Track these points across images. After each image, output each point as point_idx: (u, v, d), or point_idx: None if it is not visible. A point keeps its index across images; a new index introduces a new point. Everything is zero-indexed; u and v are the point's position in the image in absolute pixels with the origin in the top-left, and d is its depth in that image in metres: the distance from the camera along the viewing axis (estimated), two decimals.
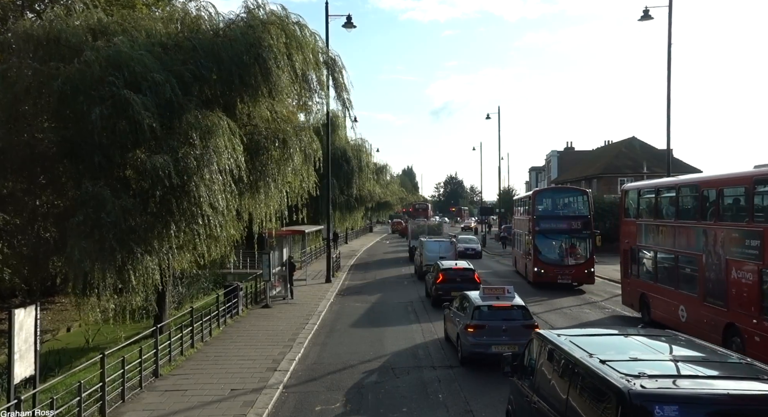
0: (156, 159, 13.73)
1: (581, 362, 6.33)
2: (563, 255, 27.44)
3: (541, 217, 27.70)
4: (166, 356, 13.90)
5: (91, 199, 13.49)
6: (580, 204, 28.48)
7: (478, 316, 13.88)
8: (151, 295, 16.79)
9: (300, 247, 36.68)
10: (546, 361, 7.44)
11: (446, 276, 22.04)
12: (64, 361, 17.94)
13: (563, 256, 27.41)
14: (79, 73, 13.94)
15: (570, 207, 29.13)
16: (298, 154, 18.46)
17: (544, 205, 28.80)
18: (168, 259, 15.28)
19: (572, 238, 27.45)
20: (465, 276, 21.80)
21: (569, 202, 29.62)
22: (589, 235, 26.93)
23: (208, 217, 15.22)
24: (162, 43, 15.99)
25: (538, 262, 27.02)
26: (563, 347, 7.00)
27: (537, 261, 27.02)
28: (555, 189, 39.54)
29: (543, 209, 28.42)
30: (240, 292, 20.87)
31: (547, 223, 27.51)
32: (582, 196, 28.73)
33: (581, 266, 26.87)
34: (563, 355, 6.87)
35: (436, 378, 13.12)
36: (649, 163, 52.00)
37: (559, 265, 26.96)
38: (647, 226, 18.82)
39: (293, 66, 17.55)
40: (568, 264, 27.08)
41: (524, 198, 33.08)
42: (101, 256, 13.46)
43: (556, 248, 27.66)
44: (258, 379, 12.85)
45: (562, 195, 31.23)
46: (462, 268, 22.61)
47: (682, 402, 5.12)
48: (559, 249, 27.58)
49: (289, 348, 15.70)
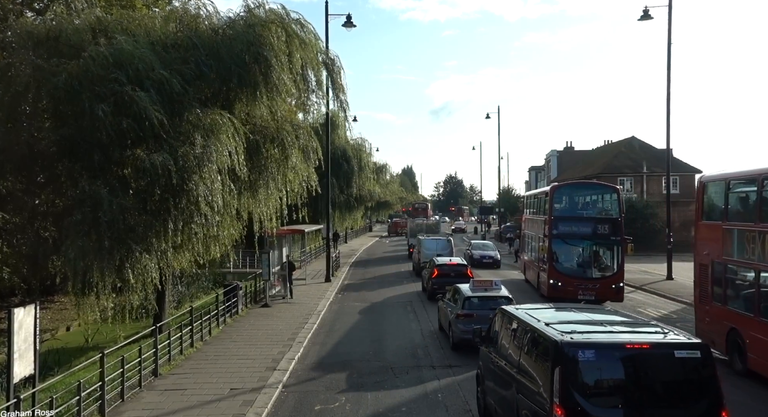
0: (155, 157, 13.72)
1: (531, 326, 8.23)
2: (586, 265, 22.82)
3: (559, 217, 22.91)
4: (165, 355, 13.90)
5: (88, 198, 13.46)
6: (608, 202, 23.80)
7: (468, 306, 15.30)
8: (151, 295, 16.80)
9: (299, 247, 36.72)
10: (506, 329, 9.34)
11: (441, 271, 23.55)
12: (64, 360, 17.90)
13: (586, 267, 22.79)
14: (81, 71, 13.93)
15: (595, 206, 24.57)
16: (297, 153, 18.45)
17: (564, 204, 24.17)
18: (166, 258, 15.25)
19: (597, 244, 22.85)
20: (458, 271, 23.30)
21: (595, 200, 25.06)
22: (619, 241, 22.28)
23: (207, 217, 15.20)
24: (161, 42, 15.98)
25: (554, 273, 22.24)
26: (520, 317, 8.91)
27: (553, 271, 22.30)
28: (578, 184, 31.36)
29: (562, 208, 23.76)
30: (239, 291, 20.87)
31: (567, 226, 22.69)
32: (611, 194, 23.69)
33: (608, 280, 22.07)
34: (519, 323, 8.79)
35: (435, 377, 13.12)
36: (648, 163, 52.04)
37: (580, 277, 22.29)
38: (741, 232, 13.62)
39: (293, 65, 17.54)
40: (591, 277, 22.39)
41: (539, 194, 27.62)
42: (99, 255, 13.44)
43: (577, 256, 23.27)
44: (257, 378, 12.85)
45: (586, 191, 26.07)
46: (456, 263, 24.51)
47: (597, 347, 7.16)
48: (581, 257, 23.19)
49: (288, 347, 15.70)
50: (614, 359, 7.18)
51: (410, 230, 45.40)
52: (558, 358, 7.09)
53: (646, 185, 51.62)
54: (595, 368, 7.13)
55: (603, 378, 7.24)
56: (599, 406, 7.01)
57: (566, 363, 7.02)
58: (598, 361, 7.10)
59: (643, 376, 7.16)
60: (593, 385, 7.19)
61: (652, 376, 7.12)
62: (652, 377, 7.12)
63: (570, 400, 6.90)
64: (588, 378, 7.13)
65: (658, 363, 7.17)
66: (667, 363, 7.16)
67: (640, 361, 7.17)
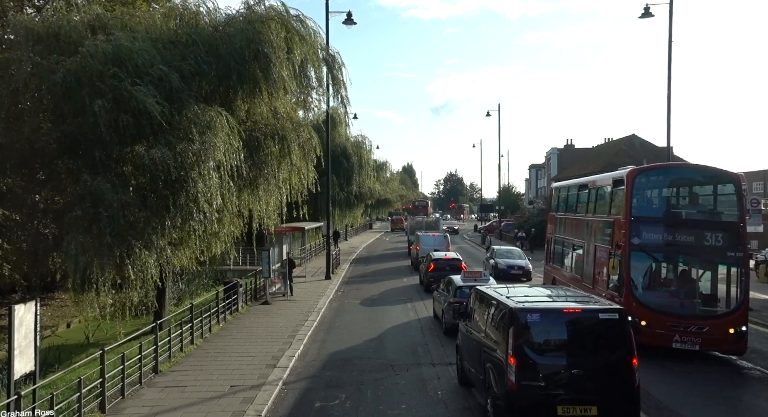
0: (154, 153, 13.72)
1: (496, 299, 10.25)
2: (686, 295, 14.83)
3: (645, 220, 15.04)
4: (165, 353, 13.89)
5: (89, 194, 13.48)
6: (723, 199, 15.76)
7: (459, 295, 16.39)
8: (151, 292, 16.81)
9: (300, 244, 36.71)
10: (478, 304, 11.39)
11: (437, 265, 24.89)
12: (64, 357, 17.94)
13: (686, 298, 14.78)
14: (80, 67, 13.92)
15: (701, 203, 16.12)
16: (296, 151, 18.45)
17: (650, 198, 16.39)
18: (166, 255, 15.26)
19: (705, 262, 14.93)
20: (453, 265, 24.39)
21: (701, 193, 16.51)
22: (740, 258, 14.35)
23: (206, 213, 15.20)
24: (161, 39, 15.95)
25: (634, 306, 14.09)
26: (488, 293, 10.95)
27: (633, 303, 14.20)
28: (675, 167, 20.21)
29: (647, 205, 16.00)
30: (239, 288, 20.87)
31: (657, 233, 14.84)
32: (727, 184, 15.52)
33: (722, 320, 14.20)
34: (487, 298, 10.77)
35: (435, 375, 13.11)
36: (649, 161, 51.87)
37: (676, 314, 14.26)
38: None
39: (292, 61, 17.52)
40: (695, 314, 14.41)
41: (599, 183, 18.21)
42: (99, 251, 13.45)
43: (672, 281, 15.51)
44: (257, 375, 12.84)
45: (687, 179, 16.83)
46: (451, 258, 25.75)
47: (541, 312, 9.32)
48: (678, 283, 15.26)
49: (288, 344, 15.70)
50: (554, 320, 9.34)
51: (410, 227, 45.70)
52: (512, 320, 9.14)
53: None
54: (540, 327, 9.17)
55: (546, 335, 9.26)
56: (542, 355, 9.12)
57: (518, 324, 9.07)
58: (542, 322, 9.20)
59: (576, 332, 9.23)
60: (538, 340, 9.18)
61: (583, 333, 9.28)
62: (583, 333, 9.27)
63: (521, 352, 8.95)
64: (534, 335, 9.14)
65: (587, 323, 9.34)
66: (593, 323, 9.32)
67: (574, 321, 9.28)
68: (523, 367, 8.85)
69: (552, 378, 8.91)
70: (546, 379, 8.87)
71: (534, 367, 8.91)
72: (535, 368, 8.91)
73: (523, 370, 8.83)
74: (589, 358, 9.02)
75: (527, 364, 8.86)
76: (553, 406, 8.75)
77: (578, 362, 8.90)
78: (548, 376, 8.91)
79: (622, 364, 9.00)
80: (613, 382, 8.97)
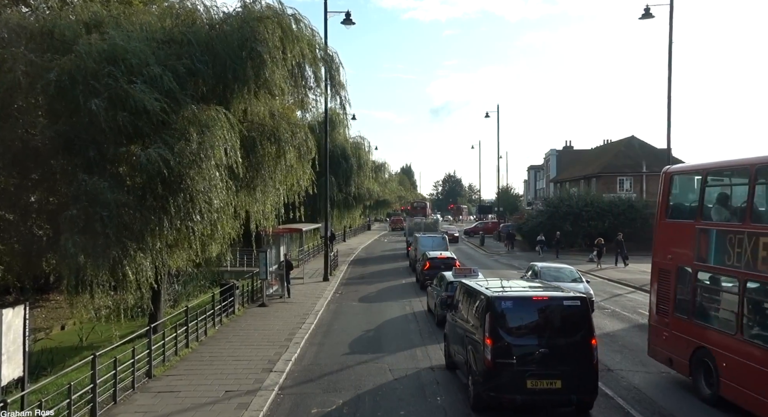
0: (150, 153, 13.45)
1: (477, 289, 11.62)
2: None
3: None
4: (159, 356, 13.66)
5: (85, 193, 13.22)
6: None
7: (450, 289, 17.11)
8: (146, 294, 16.59)
9: (298, 246, 36.51)
10: (462, 295, 12.73)
11: (432, 264, 25.59)
12: (58, 360, 17.68)
13: None
14: (75, 66, 13.69)
15: None
16: (293, 152, 18.20)
17: None
18: (162, 256, 15.03)
19: None
20: (447, 264, 24.57)
21: None
22: None
23: (203, 214, 15.00)
24: (156, 38, 15.73)
25: None
26: (471, 285, 12.35)
27: None
28: None
29: None
30: (236, 290, 20.62)
31: None
32: None
33: None
34: (470, 289, 12.13)
35: (434, 380, 12.89)
36: (648, 163, 51.88)
37: None
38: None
39: (288, 61, 17.26)
40: None
41: None
42: (95, 252, 13.21)
43: None
44: (253, 380, 12.61)
45: None
46: (445, 257, 26.34)
47: (514, 299, 10.68)
48: None
49: (285, 348, 15.47)
50: (525, 307, 10.66)
51: (409, 229, 45.35)
52: (488, 307, 10.42)
53: (645, 185, 51.47)
54: (513, 313, 10.46)
55: (518, 319, 10.52)
56: (514, 337, 10.32)
57: (494, 310, 10.35)
58: (514, 308, 10.51)
59: (544, 317, 10.50)
60: (511, 324, 10.43)
61: (550, 317, 10.51)
62: (550, 318, 10.51)
63: (496, 334, 10.19)
64: (508, 319, 10.42)
65: (553, 309, 10.57)
66: (558, 309, 10.55)
67: (542, 307, 10.58)
68: (497, 347, 10.11)
69: (523, 356, 10.12)
70: (517, 358, 10.10)
71: (507, 347, 10.14)
72: (508, 348, 10.13)
73: (497, 350, 10.09)
74: (554, 339, 10.25)
75: (501, 345, 10.13)
76: (524, 380, 9.98)
77: (545, 343, 10.15)
78: (519, 355, 10.13)
79: (583, 344, 10.23)
80: (575, 360, 10.17)
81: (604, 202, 45.23)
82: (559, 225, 44.08)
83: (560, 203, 47.00)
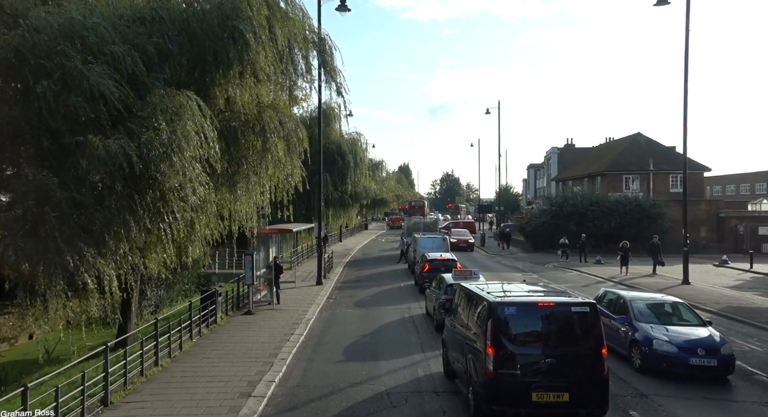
0: (110, 144, 11.64)
1: (477, 294, 10.82)
2: None
3: None
4: (121, 379, 11.78)
5: (32, 191, 11.42)
6: None
7: (450, 292, 16.36)
8: (115, 303, 14.79)
9: (291, 246, 34.64)
10: (461, 300, 11.94)
11: (432, 266, 24.45)
12: (16, 376, 15.87)
13: None
14: (24, 41, 11.86)
15: None
16: (281, 143, 16.35)
17: None
18: (128, 261, 13.21)
19: None
20: (448, 265, 23.72)
21: None
22: None
23: (177, 214, 13.23)
24: (125, 15, 13.90)
25: None
26: (471, 289, 11.49)
27: None
28: None
29: None
30: (218, 297, 18.70)
31: None
32: None
33: None
34: (470, 293, 11.37)
35: (440, 409, 11.03)
36: (655, 160, 50.13)
37: None
38: None
39: (278, 43, 15.45)
40: None
41: None
42: (45, 258, 11.40)
43: None
44: (228, 408, 10.77)
45: None
46: (446, 258, 25.18)
47: (518, 305, 9.82)
48: None
49: (269, 366, 13.63)
50: (530, 313, 9.78)
51: (407, 229, 43.13)
52: (490, 313, 9.65)
53: (652, 183, 49.70)
54: (516, 319, 9.66)
55: (522, 327, 9.70)
56: (518, 346, 9.52)
57: (496, 316, 9.57)
58: (518, 314, 9.67)
59: (550, 324, 9.68)
60: (515, 331, 9.64)
61: (556, 324, 9.72)
62: (556, 325, 9.71)
63: (498, 342, 9.41)
64: (512, 326, 9.63)
65: (560, 316, 9.78)
66: (566, 315, 9.77)
67: (548, 314, 9.73)
68: (500, 356, 9.34)
69: (527, 367, 9.38)
70: (522, 368, 9.36)
71: (511, 356, 9.39)
72: (512, 357, 9.38)
73: (500, 360, 9.33)
74: (562, 348, 9.51)
75: (504, 354, 9.36)
76: (528, 393, 9.24)
77: (552, 352, 9.40)
78: (524, 365, 9.38)
79: (592, 354, 9.48)
80: (584, 371, 9.44)
81: (610, 202, 43.52)
82: (563, 225, 42.40)
83: (564, 202, 45.23)
